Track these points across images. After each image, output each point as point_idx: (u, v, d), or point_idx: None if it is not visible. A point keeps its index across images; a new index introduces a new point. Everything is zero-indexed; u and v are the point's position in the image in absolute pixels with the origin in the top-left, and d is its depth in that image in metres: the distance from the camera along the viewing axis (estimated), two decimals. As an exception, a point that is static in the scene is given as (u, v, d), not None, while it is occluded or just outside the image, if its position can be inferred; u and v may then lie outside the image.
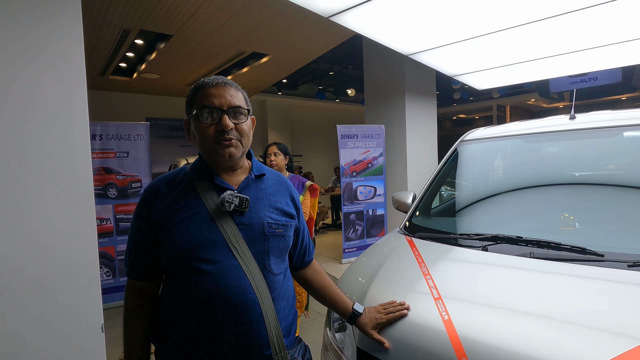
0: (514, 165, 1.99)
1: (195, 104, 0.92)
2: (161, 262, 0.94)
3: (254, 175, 1.01)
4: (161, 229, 0.90)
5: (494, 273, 1.26)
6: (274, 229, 0.96)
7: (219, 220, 0.91)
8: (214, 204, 0.92)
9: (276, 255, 0.97)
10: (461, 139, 2.22)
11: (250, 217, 0.94)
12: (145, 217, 0.93)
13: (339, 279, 1.64)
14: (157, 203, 0.92)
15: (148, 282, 0.98)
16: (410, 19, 2.66)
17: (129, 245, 0.98)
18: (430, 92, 5.77)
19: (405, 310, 1.14)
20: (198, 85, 0.94)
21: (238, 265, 0.89)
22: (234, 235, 0.91)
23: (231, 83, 0.95)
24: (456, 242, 1.53)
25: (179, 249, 0.88)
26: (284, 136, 9.94)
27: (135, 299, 0.98)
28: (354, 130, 5.02)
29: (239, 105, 0.94)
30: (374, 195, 5.24)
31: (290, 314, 1.02)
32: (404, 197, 2.20)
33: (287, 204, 1.04)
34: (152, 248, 0.94)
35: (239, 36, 4.17)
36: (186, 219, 0.90)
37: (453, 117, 14.63)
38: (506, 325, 0.99)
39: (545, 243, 1.32)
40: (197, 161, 0.99)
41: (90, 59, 4.85)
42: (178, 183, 0.96)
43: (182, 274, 0.89)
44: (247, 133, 0.96)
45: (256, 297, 0.89)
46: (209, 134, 0.91)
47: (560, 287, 1.12)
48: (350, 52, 7.30)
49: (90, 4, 3.25)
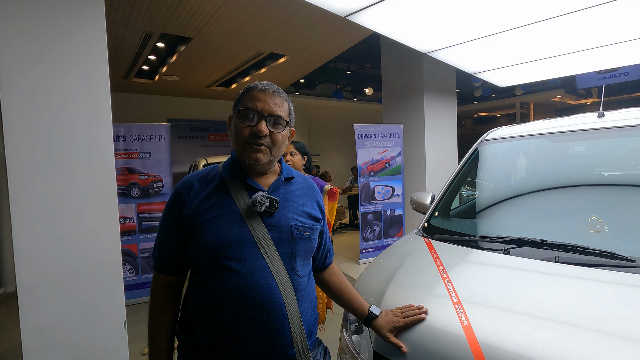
0: (538, 165, 1.92)
1: (240, 103, 0.96)
2: (189, 257, 0.95)
3: (284, 178, 1.03)
4: (192, 225, 0.92)
5: (517, 277, 1.22)
6: (302, 232, 0.98)
7: (249, 220, 0.93)
8: (244, 204, 0.94)
9: (302, 257, 0.99)
10: (482, 138, 2.16)
11: (279, 218, 0.96)
12: (177, 212, 0.95)
13: (356, 279, 1.63)
14: (189, 199, 0.94)
15: (175, 276, 1.00)
16: (428, 16, 2.61)
17: (159, 239, 1.00)
18: (449, 89, 5.65)
19: (424, 315, 1.12)
20: (249, 86, 0.98)
21: (266, 266, 0.91)
22: (263, 236, 0.93)
23: (279, 92, 0.98)
24: (476, 245, 1.49)
25: (209, 245, 0.90)
26: (302, 136, 9.97)
27: (162, 292, 1.00)
28: (372, 130, 4.98)
29: (279, 115, 0.96)
30: (392, 195, 5.18)
31: (313, 315, 1.03)
32: (423, 198, 2.16)
33: (313, 208, 1.06)
34: (182, 243, 0.95)
35: (257, 37, 4.21)
36: (217, 217, 0.92)
37: (474, 116, 14.29)
38: (530, 332, 0.95)
39: (572, 247, 1.27)
40: (229, 160, 1.01)
41: (114, 63, 5.01)
42: (210, 181, 0.98)
43: (210, 271, 0.91)
44: (279, 143, 0.97)
45: (282, 298, 0.90)
46: (244, 134, 0.93)
47: (588, 293, 1.07)
48: (368, 50, 7.24)
49: (115, 9, 3.36)
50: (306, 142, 10.07)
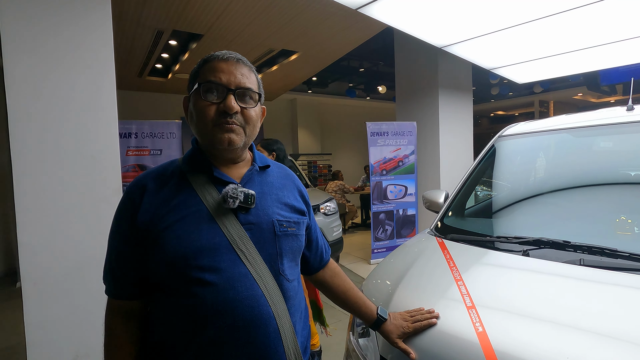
0: (561, 162, 1.80)
1: (199, 78, 0.79)
2: (151, 274, 0.78)
3: (258, 167, 0.88)
4: (151, 234, 0.75)
5: (537, 281, 1.13)
6: (286, 228, 0.84)
7: (221, 220, 0.77)
8: (213, 201, 0.78)
9: (290, 258, 0.85)
10: (500, 134, 2.06)
11: (257, 214, 0.81)
12: (129, 220, 0.78)
13: (364, 279, 1.56)
14: (144, 203, 0.77)
15: (134, 300, 0.82)
16: (442, 8, 2.51)
17: (110, 257, 0.82)
18: (465, 87, 5.50)
19: (435, 319, 1.04)
20: (207, 57, 0.81)
21: (247, 273, 0.76)
22: (240, 237, 0.77)
23: (245, 61, 0.83)
24: (493, 246, 1.40)
25: (174, 256, 0.73)
26: (314, 135, 9.93)
27: (120, 322, 0.81)
28: (384, 128, 4.89)
29: (249, 87, 0.80)
30: (405, 194, 5.07)
31: (306, 327, 0.90)
32: (436, 196, 2.07)
33: (296, 199, 0.92)
34: (140, 258, 0.78)
35: (267, 34, 4.17)
36: (181, 219, 0.76)
37: (490, 114, 13.95)
38: (552, 342, 0.86)
39: (598, 249, 1.17)
40: (191, 151, 0.85)
41: (127, 61, 5.07)
42: (169, 177, 0.81)
43: (179, 287, 0.74)
44: (254, 121, 0.82)
45: (271, 310, 0.76)
46: (209, 114, 0.77)
47: (617, 300, 0.97)
48: (381, 48, 7.13)
49: (126, 6, 3.37)
50: (318, 141, 10.03)
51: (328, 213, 4.36)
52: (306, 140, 9.79)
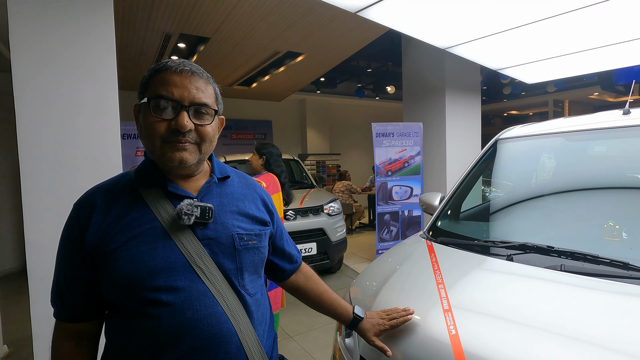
0: (554, 166, 1.79)
1: (149, 89, 0.74)
2: (104, 295, 0.74)
3: (217, 178, 0.84)
4: (101, 254, 0.71)
5: (515, 286, 1.14)
6: (246, 241, 0.81)
7: (177, 237, 0.73)
8: (168, 217, 0.74)
9: (251, 272, 0.82)
10: (497, 137, 2.05)
11: (216, 229, 0.77)
12: (77, 241, 0.73)
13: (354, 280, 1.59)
14: (92, 222, 0.73)
15: (86, 322, 0.78)
16: (442, 9, 2.50)
17: (57, 279, 0.77)
18: (473, 87, 5.44)
19: (410, 316, 1.07)
20: (158, 66, 0.75)
21: (207, 290, 0.73)
22: (198, 254, 0.74)
23: (201, 73, 0.77)
24: (479, 250, 1.41)
25: (127, 278, 0.69)
26: (323, 135, 9.96)
27: (69, 345, 0.76)
28: (390, 129, 4.88)
29: (204, 102, 0.75)
30: (410, 195, 5.05)
31: (270, 337, 0.89)
32: (431, 199, 2.09)
33: (258, 209, 0.88)
34: (90, 280, 0.74)
35: (272, 36, 4.23)
36: (133, 238, 0.71)
37: (503, 114, 13.72)
38: (521, 345, 0.88)
39: (580, 255, 1.17)
40: (143, 163, 0.80)
41: (138, 63, 5.20)
42: (120, 193, 0.76)
43: (134, 309, 0.71)
44: (210, 137, 0.78)
45: (232, 327, 0.74)
46: (159, 130, 0.72)
47: (593, 305, 0.98)
48: (390, 48, 7.11)
49: (134, 11, 3.48)
50: (327, 141, 10.05)
51: (332, 213, 4.39)
52: (315, 141, 9.83)
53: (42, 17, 1.69)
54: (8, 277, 4.55)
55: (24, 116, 1.66)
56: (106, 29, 1.84)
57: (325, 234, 4.16)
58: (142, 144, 0.77)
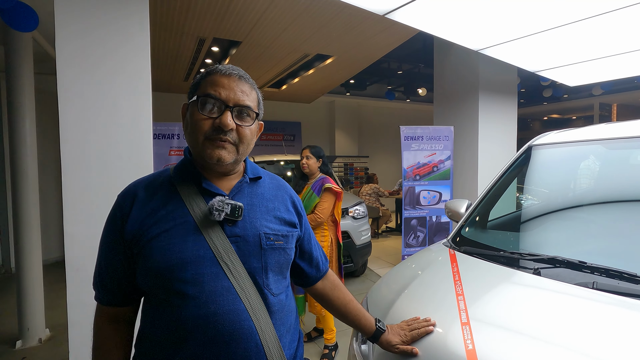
0: (591, 176, 1.68)
1: (199, 89, 0.80)
2: (139, 283, 0.79)
3: (249, 179, 0.88)
4: (137, 243, 0.76)
5: (540, 302, 1.08)
6: (273, 241, 0.83)
7: (207, 232, 0.77)
8: (200, 212, 0.78)
9: (275, 272, 0.84)
10: (530, 144, 1.96)
11: (244, 227, 0.80)
12: (118, 229, 0.79)
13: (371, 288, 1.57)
14: (133, 212, 0.78)
15: (124, 307, 0.84)
16: (475, 10, 2.42)
17: (100, 265, 0.83)
18: (509, 90, 5.20)
19: (431, 327, 1.04)
20: (210, 69, 0.82)
21: (230, 287, 0.75)
22: (225, 250, 0.77)
23: (247, 78, 0.83)
24: (504, 262, 1.34)
25: (159, 268, 0.74)
26: (351, 137, 9.92)
27: (109, 327, 0.83)
28: (419, 132, 4.78)
29: (248, 104, 0.80)
30: (439, 201, 4.91)
31: (295, 340, 0.89)
32: (457, 206, 2.02)
33: (287, 211, 0.91)
34: (128, 267, 0.80)
35: (302, 39, 4.27)
36: (167, 230, 0.76)
37: (544, 118, 13.02)
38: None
39: (616, 272, 1.09)
40: (182, 161, 0.85)
41: (174, 66, 5.44)
42: (159, 187, 0.81)
43: (162, 298, 0.76)
44: (248, 139, 0.82)
45: (253, 325, 0.75)
46: (203, 128, 0.77)
47: (625, 327, 0.90)
48: (422, 49, 6.96)
49: (170, 17, 3.65)
50: (356, 144, 10.00)
51: (357, 217, 4.35)
52: (343, 143, 9.81)
53: (82, 19, 1.81)
54: (53, 266, 4.90)
55: (65, 117, 1.79)
56: (142, 35, 1.94)
57: (349, 237, 4.14)
58: (186, 140, 0.82)
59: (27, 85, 2.86)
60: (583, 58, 3.55)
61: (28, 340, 2.85)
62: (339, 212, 2.61)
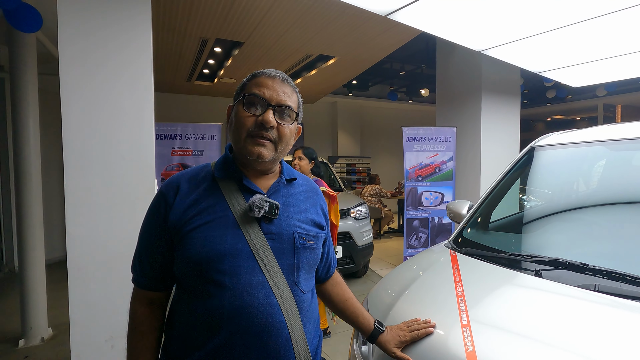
0: (593, 177, 1.67)
1: (245, 89, 0.85)
2: (176, 270, 0.84)
3: (285, 180, 0.92)
4: (179, 232, 0.80)
5: (541, 304, 1.07)
6: (305, 241, 0.87)
7: (245, 227, 0.81)
8: (240, 208, 0.82)
9: (306, 270, 0.88)
10: (532, 145, 1.95)
11: (279, 225, 0.85)
12: (162, 217, 0.83)
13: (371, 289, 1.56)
14: (176, 202, 0.82)
15: (159, 291, 0.89)
16: (477, 10, 2.41)
17: (140, 248, 0.88)
18: (512, 90, 5.18)
19: (431, 329, 1.04)
20: (256, 72, 0.87)
21: (265, 281, 0.79)
22: (261, 246, 0.81)
23: (289, 81, 0.88)
24: (506, 263, 1.34)
25: (198, 257, 0.77)
26: (354, 138, 9.92)
27: (144, 310, 0.87)
28: (421, 133, 4.77)
29: (289, 105, 0.85)
30: (441, 202, 4.90)
31: (316, 336, 0.93)
32: (459, 207, 2.01)
33: (317, 214, 0.95)
34: (168, 254, 0.84)
35: (304, 40, 4.28)
36: (209, 223, 0.80)
37: (547, 119, 12.96)
38: (542, 368, 0.82)
39: (618, 275, 1.08)
40: (223, 158, 0.90)
41: (177, 67, 5.46)
42: (201, 181, 0.86)
43: (199, 287, 0.79)
44: (287, 138, 0.86)
45: (284, 319, 0.79)
46: (246, 124, 0.82)
47: (627, 329, 0.90)
48: (424, 50, 6.95)
49: (173, 18, 3.66)
50: (358, 144, 9.99)
51: (359, 217, 4.35)
52: (346, 143, 9.81)
53: (85, 21, 1.82)
54: (56, 265, 4.92)
55: (68, 117, 1.80)
56: (144, 36, 1.95)
57: (351, 237, 4.14)
58: (229, 138, 0.88)
59: (31, 85, 2.88)
60: (587, 59, 3.53)
61: (31, 339, 2.86)
62: (336, 213, 2.61)
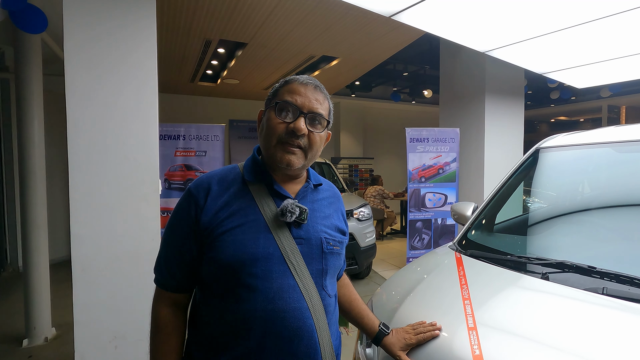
0: (600, 179, 1.65)
1: (277, 96, 0.85)
2: (204, 273, 0.82)
3: (312, 185, 0.92)
4: (210, 235, 0.79)
5: (548, 307, 1.06)
6: (332, 246, 0.87)
7: (276, 232, 0.80)
8: (271, 213, 0.82)
9: (332, 275, 0.88)
10: (538, 146, 1.93)
11: (307, 230, 0.85)
12: (193, 218, 0.81)
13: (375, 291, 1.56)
14: (207, 203, 0.81)
15: (185, 293, 0.87)
16: (481, 11, 2.40)
17: (167, 250, 0.86)
18: (516, 91, 5.16)
19: (437, 331, 1.03)
20: (289, 79, 0.86)
21: (295, 285, 0.79)
22: (292, 250, 0.81)
23: (322, 88, 0.88)
24: (512, 266, 1.33)
25: (231, 260, 0.77)
26: (356, 138, 9.91)
27: (169, 312, 0.85)
28: (425, 134, 4.75)
29: (320, 112, 0.84)
30: (444, 203, 4.88)
31: (338, 337, 0.93)
32: (463, 209, 2.00)
33: (339, 219, 0.96)
34: (196, 256, 0.82)
35: (307, 41, 4.28)
36: (241, 225, 0.79)
37: (551, 120, 12.90)
38: (550, 373, 0.82)
39: (626, 278, 1.07)
40: (251, 161, 0.89)
41: (180, 68, 5.47)
42: (231, 183, 0.85)
43: (231, 290, 0.78)
44: (317, 145, 0.86)
45: (314, 324, 0.79)
46: (278, 131, 0.81)
47: (636, 334, 0.89)
48: (428, 51, 6.93)
49: (177, 19, 3.67)
50: (361, 145, 9.98)
51: (362, 219, 4.34)
52: (348, 144, 9.79)
53: (91, 23, 1.83)
54: (61, 265, 4.94)
55: (73, 117, 1.81)
56: (149, 37, 1.95)
57: (354, 239, 4.13)
58: (259, 142, 0.88)
59: (36, 86, 2.89)
60: (591, 60, 3.51)
61: (34, 339, 2.87)
62: None
